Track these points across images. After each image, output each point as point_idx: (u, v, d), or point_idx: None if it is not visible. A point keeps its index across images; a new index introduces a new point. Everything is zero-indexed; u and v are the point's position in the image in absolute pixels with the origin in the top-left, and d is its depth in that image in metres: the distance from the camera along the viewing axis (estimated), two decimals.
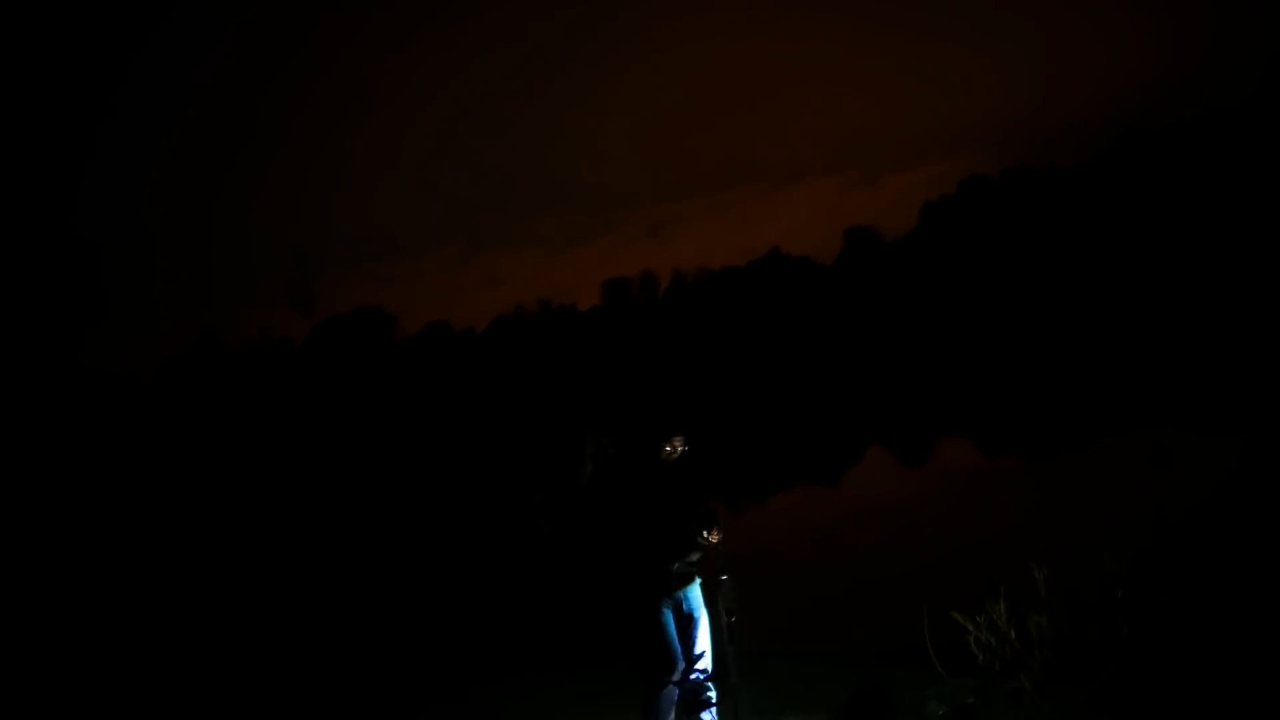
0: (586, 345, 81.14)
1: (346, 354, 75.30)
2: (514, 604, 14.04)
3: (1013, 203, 79.50)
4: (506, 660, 11.09)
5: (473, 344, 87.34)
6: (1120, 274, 66.27)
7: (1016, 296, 69.57)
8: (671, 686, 6.77)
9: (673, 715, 6.83)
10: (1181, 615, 6.77)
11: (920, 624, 6.98)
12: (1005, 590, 6.67)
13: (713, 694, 6.72)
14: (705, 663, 6.76)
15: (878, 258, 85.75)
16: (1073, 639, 6.55)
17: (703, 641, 6.79)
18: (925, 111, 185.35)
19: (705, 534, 6.70)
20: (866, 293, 79.97)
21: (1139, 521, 12.25)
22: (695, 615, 6.79)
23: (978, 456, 27.34)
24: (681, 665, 6.75)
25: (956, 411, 38.84)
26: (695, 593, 6.84)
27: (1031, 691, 6.62)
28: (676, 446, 6.85)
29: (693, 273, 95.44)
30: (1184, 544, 10.61)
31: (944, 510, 18.68)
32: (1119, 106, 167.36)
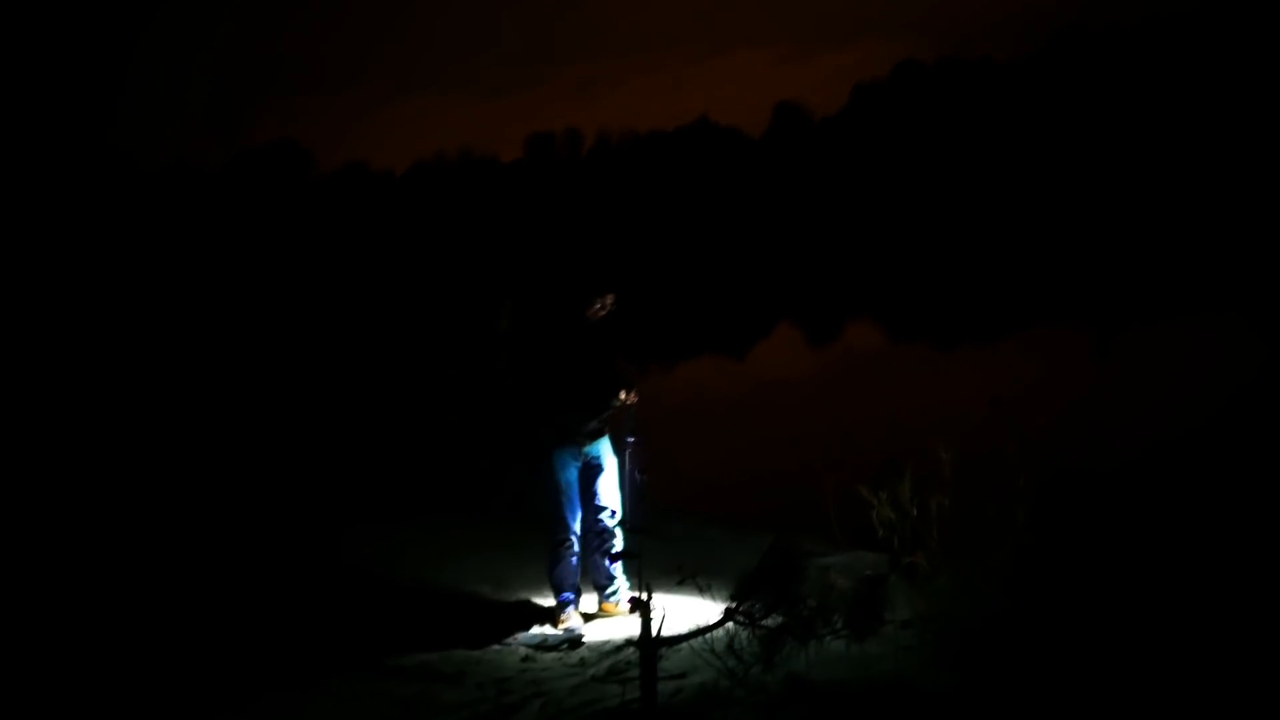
0: (506, 198, 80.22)
1: (261, 185, 73.71)
2: (419, 448, 14.06)
3: (944, 92, 79.41)
4: (410, 504, 11.15)
5: (390, 187, 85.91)
6: (1043, 172, 66.82)
7: (940, 186, 69.90)
8: (574, 543, 6.87)
9: (578, 571, 6.94)
10: (1079, 506, 6.94)
11: (819, 498, 7.10)
12: (910, 470, 6.78)
13: (619, 545, 6.82)
14: (613, 513, 6.86)
15: (806, 135, 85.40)
16: (972, 520, 6.70)
17: (609, 493, 6.90)
18: None
19: (623, 394, 6.75)
20: (792, 169, 79.76)
21: (1044, 412, 12.51)
22: (602, 466, 6.89)
23: (884, 341, 27.72)
24: (579, 522, 6.85)
25: (867, 295, 39.22)
26: (604, 446, 6.93)
27: (927, 568, 6.79)
28: (607, 303, 6.85)
29: (618, 134, 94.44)
30: (1089, 435, 10.87)
31: (848, 390, 18.94)
32: (1060, 5, 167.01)
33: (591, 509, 6.92)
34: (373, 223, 72.08)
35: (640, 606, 6.13)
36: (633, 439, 6.72)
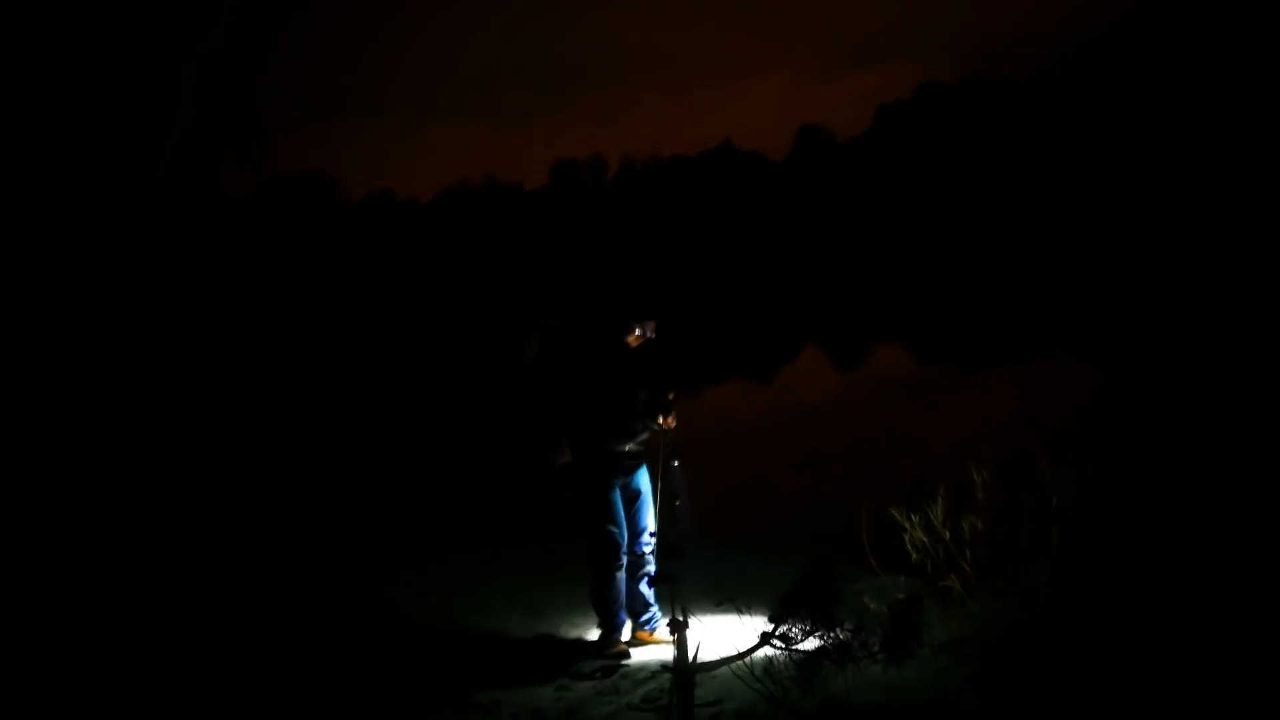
0: (532, 225, 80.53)
1: (290, 216, 74.29)
2: (447, 471, 14.12)
3: (967, 112, 79.38)
4: (439, 526, 11.20)
5: (417, 215, 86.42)
6: (1067, 191, 66.65)
7: (965, 207, 69.79)
8: (622, 569, 6.87)
9: (623, 599, 6.93)
10: (1113, 526, 6.90)
11: (850, 521, 7.09)
12: (942, 492, 6.76)
13: (653, 568, 6.83)
14: (652, 535, 6.87)
15: (829, 158, 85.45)
16: (1005, 542, 6.67)
17: (647, 518, 6.92)
18: (886, 13, 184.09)
19: (661, 419, 6.77)
20: (815, 193, 79.78)
21: (1076, 432, 12.45)
22: (640, 490, 6.92)
23: (910, 364, 27.60)
24: (626, 545, 6.86)
25: (894, 317, 39.13)
26: (642, 472, 6.95)
27: (960, 591, 6.76)
28: (647, 331, 6.89)
29: (642, 159, 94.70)
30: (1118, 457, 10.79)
31: (876, 413, 18.86)
32: (1080, 23, 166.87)
33: (631, 533, 6.94)
34: (402, 251, 72.49)
35: (678, 628, 6.15)
36: (676, 463, 6.73)
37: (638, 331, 6.94)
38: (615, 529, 6.83)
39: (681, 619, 6.28)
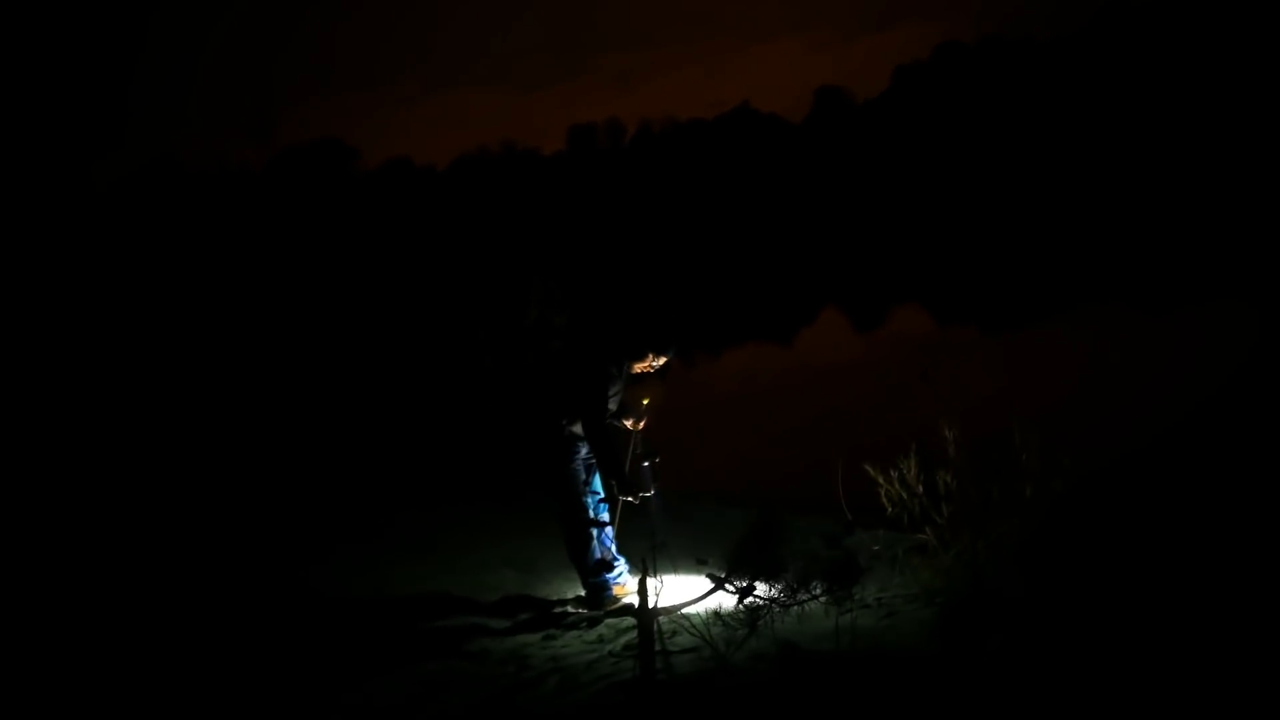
0: (550, 190, 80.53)
1: (306, 184, 74.44)
2: (452, 436, 14.38)
3: (986, 72, 78.88)
4: (442, 490, 11.48)
5: (434, 182, 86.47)
6: (1090, 151, 66.21)
7: (985, 167, 69.45)
8: (591, 527, 7.11)
9: (598, 555, 7.18)
10: (1084, 480, 7.09)
11: (861, 480, 7.31)
12: (916, 448, 6.98)
13: (606, 516, 7.09)
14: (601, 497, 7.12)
15: (847, 119, 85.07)
16: (979, 497, 6.88)
17: (596, 480, 7.17)
18: None
19: (628, 423, 6.98)
20: (834, 154, 79.49)
21: (1057, 396, 12.64)
22: (590, 461, 7.15)
23: (931, 325, 27.63)
24: (591, 505, 7.09)
25: (913, 279, 39.09)
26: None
27: (935, 544, 6.99)
28: (658, 364, 7.02)
29: (659, 123, 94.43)
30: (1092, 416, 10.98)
31: (895, 374, 18.96)
32: None
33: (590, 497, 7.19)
34: (421, 218, 72.55)
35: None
36: (646, 464, 6.88)
37: (651, 361, 7.04)
38: (577, 494, 7.06)
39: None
